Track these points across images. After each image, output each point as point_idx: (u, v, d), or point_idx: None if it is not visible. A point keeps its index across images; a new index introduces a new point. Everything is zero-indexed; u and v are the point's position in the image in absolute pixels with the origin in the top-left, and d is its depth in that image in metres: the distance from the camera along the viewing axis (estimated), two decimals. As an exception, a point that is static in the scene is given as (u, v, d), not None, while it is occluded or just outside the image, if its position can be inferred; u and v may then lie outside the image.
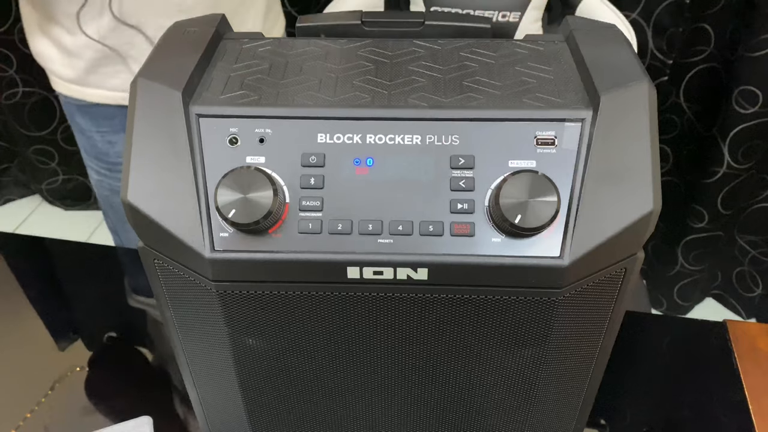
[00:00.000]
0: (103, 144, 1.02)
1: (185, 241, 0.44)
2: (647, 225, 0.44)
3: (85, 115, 1.00)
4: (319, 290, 0.46)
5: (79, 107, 1.00)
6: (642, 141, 0.43)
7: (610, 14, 1.11)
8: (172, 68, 0.47)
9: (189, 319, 0.51)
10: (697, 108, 1.52)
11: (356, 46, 0.53)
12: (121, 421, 0.67)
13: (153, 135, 0.45)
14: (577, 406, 0.57)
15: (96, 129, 1.01)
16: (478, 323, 0.47)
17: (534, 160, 0.44)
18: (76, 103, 0.99)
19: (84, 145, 1.05)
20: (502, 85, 0.47)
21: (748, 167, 1.49)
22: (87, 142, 1.04)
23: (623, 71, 0.46)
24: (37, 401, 0.73)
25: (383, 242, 0.44)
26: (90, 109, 0.99)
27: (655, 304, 1.85)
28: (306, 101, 0.46)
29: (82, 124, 1.02)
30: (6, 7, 1.75)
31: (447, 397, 0.54)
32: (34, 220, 2.16)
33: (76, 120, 1.02)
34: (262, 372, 0.52)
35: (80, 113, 1.00)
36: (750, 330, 0.78)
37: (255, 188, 0.42)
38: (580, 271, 0.44)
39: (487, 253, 0.43)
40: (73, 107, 1.00)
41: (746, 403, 0.70)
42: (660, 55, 1.42)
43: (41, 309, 0.85)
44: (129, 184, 0.44)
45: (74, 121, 1.03)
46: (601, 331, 0.50)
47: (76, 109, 1.00)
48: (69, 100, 1.00)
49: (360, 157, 0.45)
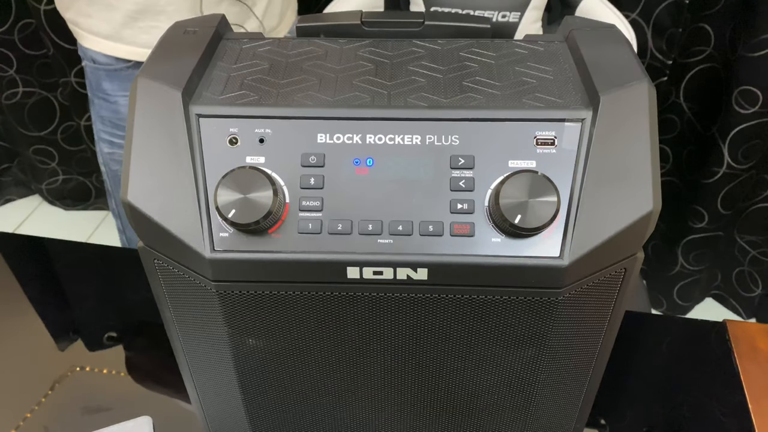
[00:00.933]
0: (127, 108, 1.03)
1: (185, 241, 0.44)
2: (647, 225, 0.44)
3: (114, 80, 1.02)
4: (319, 290, 0.46)
5: (108, 72, 1.02)
6: (642, 141, 0.43)
7: (609, 14, 1.11)
8: (172, 68, 0.47)
9: (189, 319, 0.51)
10: (697, 108, 1.52)
11: (356, 46, 0.53)
12: (121, 421, 0.67)
13: (153, 135, 0.45)
14: (577, 406, 0.57)
15: (123, 93, 1.03)
16: (478, 323, 0.47)
17: (534, 160, 0.44)
18: (106, 67, 1.01)
19: (105, 114, 1.07)
20: (502, 85, 0.47)
21: (748, 167, 1.49)
22: (109, 109, 1.05)
23: (623, 71, 0.46)
24: (37, 401, 0.73)
25: (383, 242, 0.44)
26: (120, 73, 1.01)
27: (655, 304, 1.85)
28: (306, 101, 0.46)
29: (109, 90, 1.03)
30: (6, 7, 1.75)
31: (446, 397, 0.54)
32: (34, 220, 2.16)
33: (102, 86, 1.04)
34: (262, 372, 0.52)
35: (109, 78, 1.02)
36: (750, 330, 0.78)
37: (255, 188, 0.42)
38: (580, 272, 0.44)
39: (487, 253, 0.43)
40: (102, 73, 1.02)
41: (746, 403, 0.70)
42: (660, 55, 1.42)
43: (41, 309, 0.85)
44: (129, 184, 0.44)
45: (100, 89, 1.05)
46: (601, 331, 0.50)
47: (105, 74, 1.02)
48: (98, 66, 1.02)
49: (360, 157, 0.45)
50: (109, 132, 1.09)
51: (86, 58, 1.04)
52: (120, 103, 1.05)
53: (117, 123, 1.07)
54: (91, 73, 1.05)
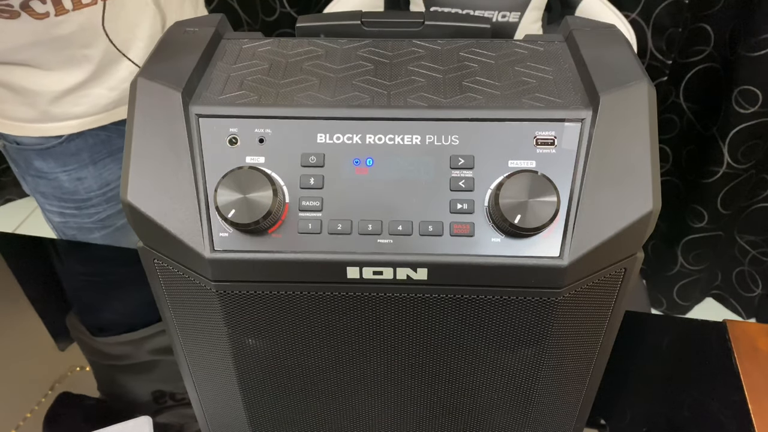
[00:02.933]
0: (71, 182, 0.96)
1: (185, 241, 0.44)
2: (647, 225, 0.44)
3: (47, 158, 0.92)
4: (318, 290, 0.46)
5: (38, 151, 0.92)
6: (642, 141, 0.43)
7: (609, 14, 1.11)
8: (172, 68, 0.47)
9: (189, 319, 0.51)
10: (697, 108, 1.52)
11: (356, 46, 0.53)
12: (121, 421, 0.67)
13: (153, 135, 0.45)
14: (576, 406, 0.57)
15: (62, 169, 0.94)
16: (477, 323, 0.47)
17: (534, 160, 0.44)
18: (35, 147, 0.91)
19: (43, 189, 0.97)
20: (502, 85, 0.47)
21: (748, 167, 1.49)
22: (48, 186, 0.96)
23: (623, 71, 0.46)
24: (37, 401, 0.73)
25: (383, 242, 0.44)
26: (52, 150, 0.92)
27: (655, 304, 1.85)
28: (306, 101, 0.46)
29: (44, 168, 0.94)
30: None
31: (447, 397, 0.54)
32: (34, 220, 2.16)
33: (34, 166, 0.94)
34: (262, 372, 0.52)
35: (40, 157, 0.92)
36: (750, 330, 0.78)
37: (255, 188, 0.42)
38: (579, 271, 0.44)
39: (487, 253, 0.43)
40: (31, 153, 0.92)
41: (746, 403, 0.70)
42: (659, 55, 1.42)
43: (41, 309, 0.85)
44: (129, 184, 0.44)
45: (31, 168, 0.95)
46: (600, 330, 0.50)
47: (35, 154, 0.92)
48: (23, 147, 0.92)
49: (360, 158, 0.45)
50: (56, 204, 0.99)
51: (5, 140, 0.93)
52: (62, 180, 0.94)
53: (63, 196, 0.97)
54: (16, 154, 0.94)
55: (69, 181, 0.96)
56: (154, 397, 0.75)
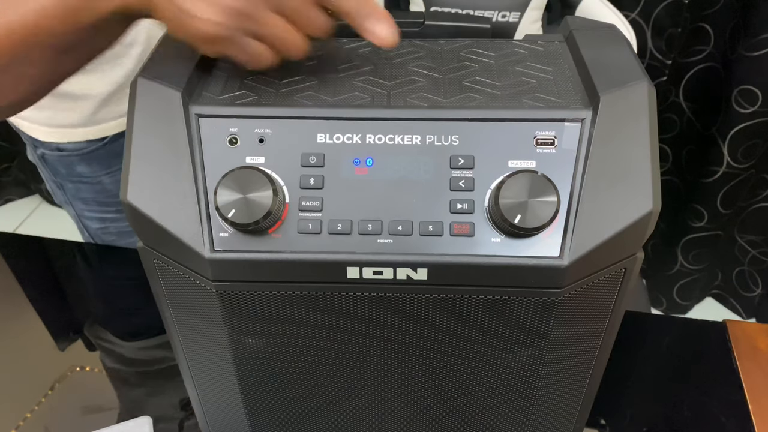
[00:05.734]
0: (114, 184, 0.94)
1: (185, 241, 0.44)
2: (647, 225, 0.44)
3: (91, 162, 0.91)
4: (318, 290, 0.46)
5: (82, 156, 0.90)
6: (642, 141, 0.43)
7: (609, 14, 1.11)
8: (172, 68, 0.47)
9: (189, 319, 0.51)
10: (697, 108, 1.52)
11: (356, 46, 0.53)
12: (121, 421, 0.67)
13: (153, 135, 0.44)
14: (577, 406, 0.57)
15: (105, 171, 0.93)
16: (477, 323, 0.47)
17: (534, 160, 0.44)
18: (79, 152, 0.90)
19: (84, 195, 0.95)
20: (502, 85, 0.47)
21: (748, 167, 1.49)
22: (90, 190, 0.94)
23: (623, 71, 0.46)
24: (37, 401, 0.73)
25: (383, 242, 0.44)
26: (96, 153, 0.90)
27: (655, 303, 1.85)
28: (305, 101, 0.46)
29: (87, 172, 0.92)
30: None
31: (447, 397, 0.54)
32: (34, 220, 2.17)
33: (77, 171, 0.92)
34: (262, 372, 0.52)
35: (84, 162, 0.91)
36: (750, 330, 0.78)
37: (255, 188, 0.42)
38: (579, 271, 0.44)
39: (487, 253, 0.43)
40: (74, 158, 0.90)
41: (746, 403, 0.70)
42: (659, 55, 1.42)
43: (41, 309, 0.85)
44: (129, 184, 0.44)
45: (73, 174, 0.93)
46: (600, 331, 0.50)
47: (79, 159, 0.90)
48: (66, 154, 0.90)
49: (360, 157, 0.45)
50: (96, 210, 0.97)
51: (44, 149, 0.91)
52: (105, 183, 0.93)
53: (105, 200, 0.95)
54: (57, 161, 0.92)
55: (112, 183, 0.94)
56: (154, 397, 0.75)
